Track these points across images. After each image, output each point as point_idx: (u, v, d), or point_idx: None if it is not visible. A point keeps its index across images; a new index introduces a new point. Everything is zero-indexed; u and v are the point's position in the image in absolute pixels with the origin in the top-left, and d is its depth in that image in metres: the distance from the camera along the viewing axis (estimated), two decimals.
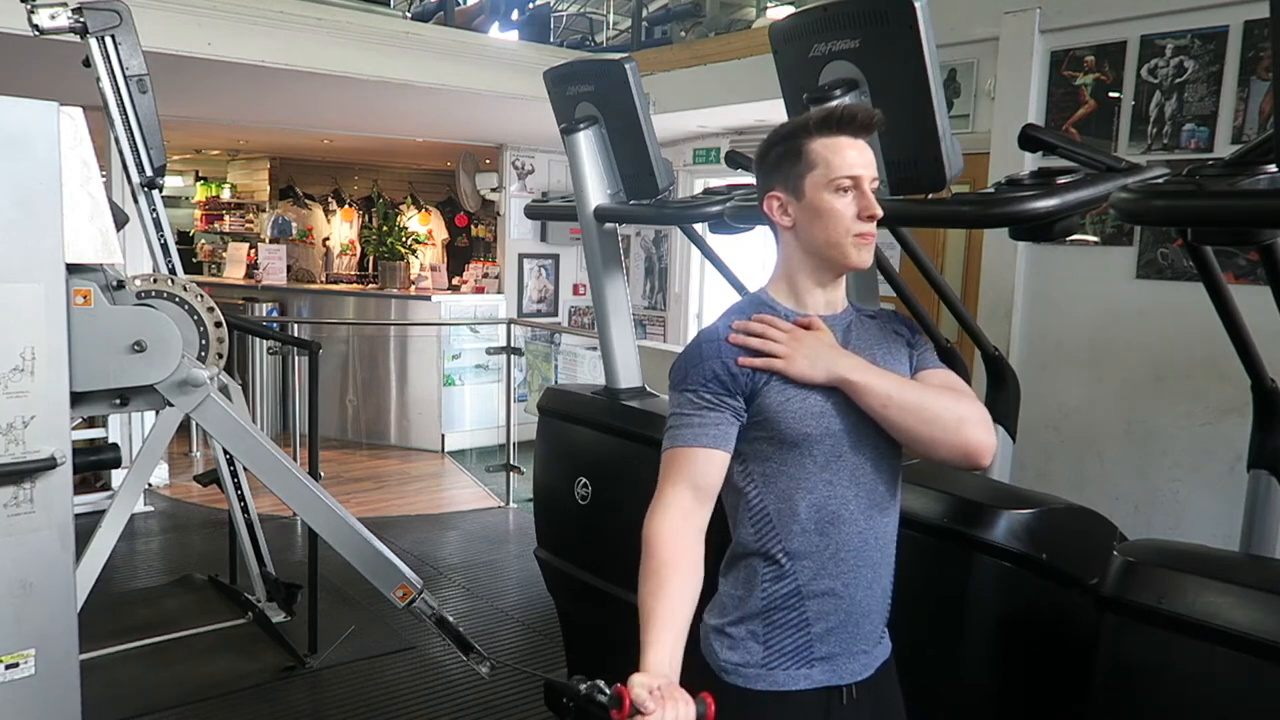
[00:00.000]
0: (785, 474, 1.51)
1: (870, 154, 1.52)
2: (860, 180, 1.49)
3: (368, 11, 5.29)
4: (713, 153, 6.65)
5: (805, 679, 1.51)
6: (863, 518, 1.53)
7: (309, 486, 2.66)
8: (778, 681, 1.51)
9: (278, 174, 10.88)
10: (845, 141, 1.49)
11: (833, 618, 1.52)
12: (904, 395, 1.50)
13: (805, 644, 1.51)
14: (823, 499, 1.51)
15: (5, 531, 1.92)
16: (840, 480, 1.51)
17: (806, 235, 1.53)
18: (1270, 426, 2.00)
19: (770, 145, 1.56)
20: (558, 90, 2.85)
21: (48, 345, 1.94)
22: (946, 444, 1.49)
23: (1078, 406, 3.51)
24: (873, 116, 1.50)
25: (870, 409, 1.49)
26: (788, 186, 1.53)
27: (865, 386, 1.48)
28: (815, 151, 1.50)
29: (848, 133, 1.50)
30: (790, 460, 1.51)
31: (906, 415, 1.49)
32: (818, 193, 1.50)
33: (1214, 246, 1.78)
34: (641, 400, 2.74)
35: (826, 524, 1.51)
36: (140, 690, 3.39)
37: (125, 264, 2.48)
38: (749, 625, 1.53)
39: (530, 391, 6.31)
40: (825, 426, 1.50)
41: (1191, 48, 3.20)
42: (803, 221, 1.53)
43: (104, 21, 3.17)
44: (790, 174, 1.52)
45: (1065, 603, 1.82)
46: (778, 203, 1.55)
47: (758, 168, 1.59)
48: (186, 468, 6.30)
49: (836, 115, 1.50)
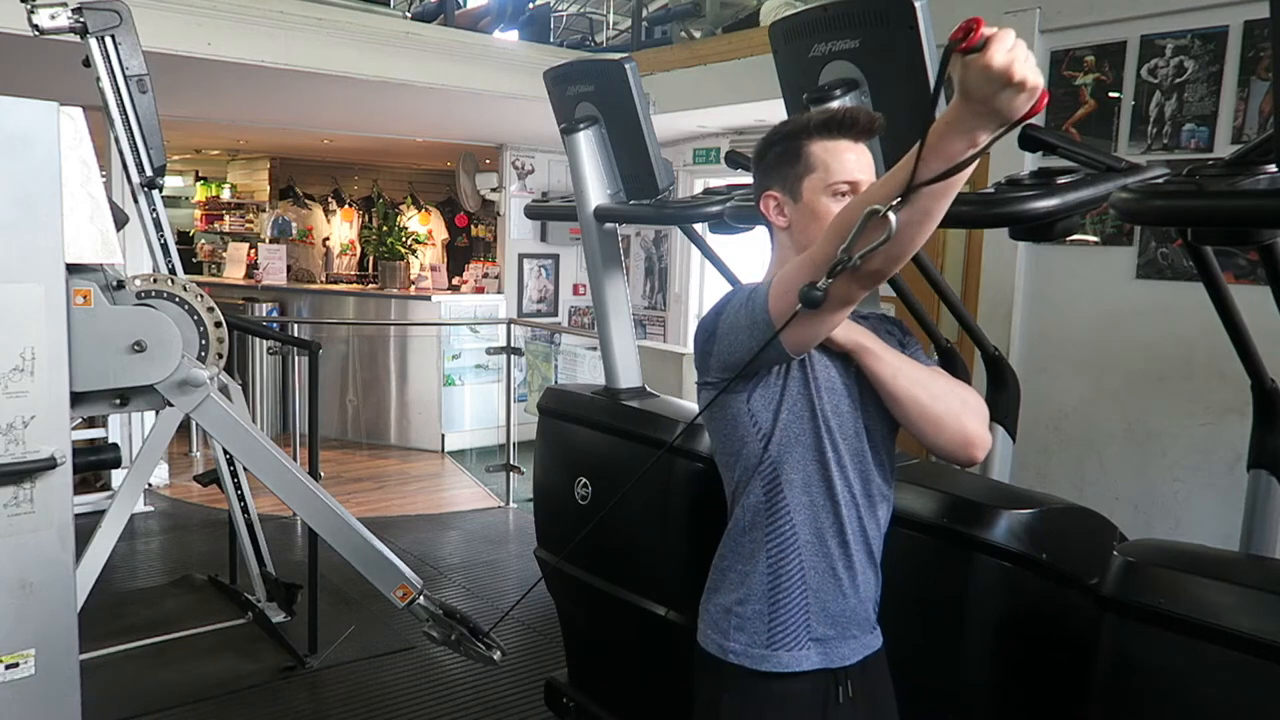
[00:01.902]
0: (800, 444, 1.53)
1: (870, 158, 1.52)
2: (858, 185, 1.49)
3: (368, 11, 5.29)
4: (713, 153, 6.65)
5: (805, 660, 1.53)
6: (864, 501, 1.56)
7: (309, 486, 2.66)
8: (781, 662, 1.52)
9: (278, 174, 10.88)
10: (845, 145, 1.49)
11: (830, 599, 1.54)
12: (914, 369, 1.53)
13: (804, 623, 1.54)
14: (829, 478, 1.53)
15: (5, 531, 1.92)
16: (844, 462, 1.54)
17: (801, 237, 1.53)
18: (1270, 426, 2.00)
19: (769, 144, 1.56)
20: (558, 90, 2.85)
21: (48, 345, 1.94)
22: (949, 426, 1.51)
23: (1078, 407, 3.51)
24: (874, 120, 1.50)
25: (880, 378, 1.51)
26: (785, 187, 1.53)
27: (879, 354, 1.51)
28: (815, 154, 1.50)
29: (849, 136, 1.49)
30: (803, 435, 1.53)
31: (916, 389, 1.51)
32: (815, 196, 1.50)
33: (1214, 246, 1.77)
34: (642, 400, 2.74)
35: (832, 504, 1.53)
36: (140, 690, 3.39)
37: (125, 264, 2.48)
38: (755, 604, 1.55)
39: (530, 391, 6.31)
40: (834, 404, 1.52)
41: (1191, 48, 3.20)
42: (798, 223, 1.53)
43: (104, 21, 3.17)
44: (788, 175, 1.52)
45: (1065, 603, 1.82)
46: (774, 202, 1.55)
47: (756, 165, 1.59)
48: (186, 468, 6.30)
49: (838, 118, 1.50)
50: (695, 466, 2.34)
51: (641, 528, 2.47)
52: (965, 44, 1.09)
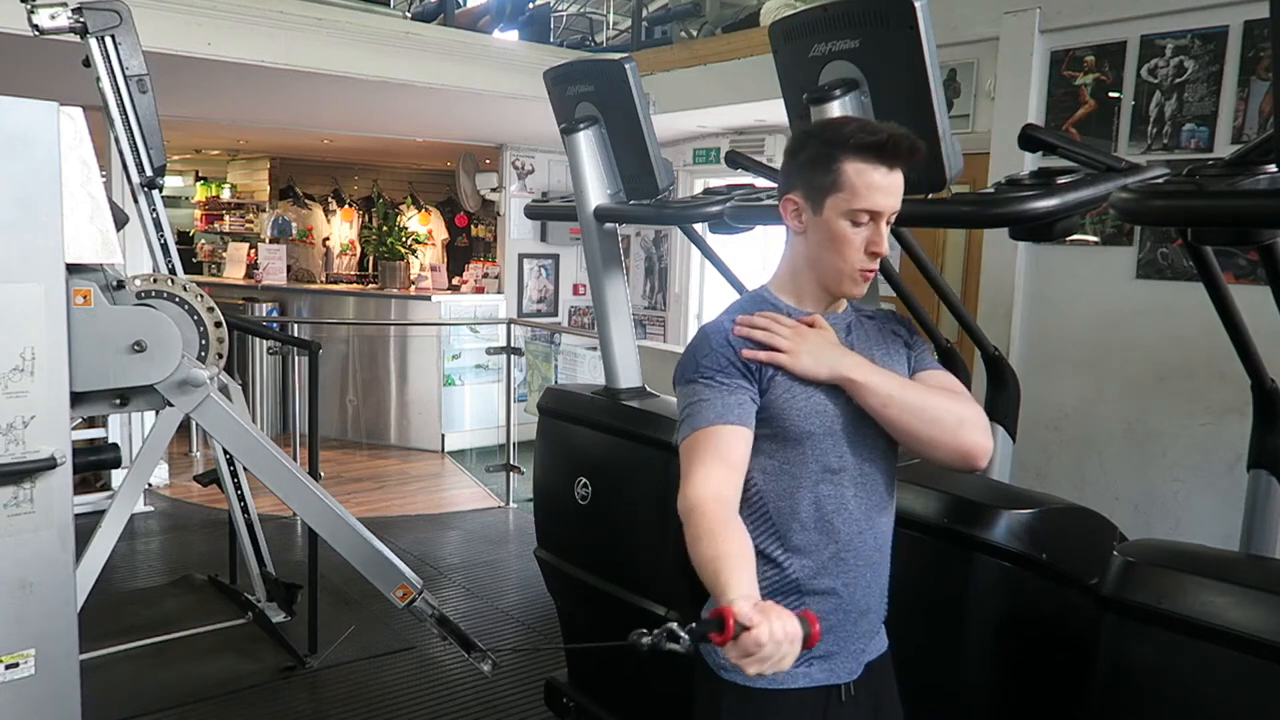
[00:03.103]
0: (787, 472, 1.51)
1: (899, 184, 1.48)
2: (880, 215, 1.48)
3: (368, 11, 5.29)
4: (713, 153, 6.65)
5: (804, 677, 1.52)
6: (862, 517, 1.54)
7: (309, 486, 2.66)
8: (776, 679, 1.51)
9: (278, 174, 10.88)
10: (879, 174, 1.45)
11: (831, 617, 1.52)
12: (905, 395, 1.50)
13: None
14: (823, 497, 1.51)
15: (5, 531, 1.92)
16: (840, 479, 1.52)
17: (814, 250, 1.52)
18: (1270, 426, 2.00)
19: (803, 144, 1.53)
20: (558, 90, 2.85)
21: (48, 345, 1.94)
22: (946, 445, 1.49)
23: (1078, 407, 3.51)
24: (915, 150, 1.46)
25: (871, 408, 1.49)
26: (809, 195, 1.51)
27: (868, 385, 1.48)
28: (846, 173, 1.46)
29: (885, 163, 1.45)
30: (792, 458, 1.51)
31: (907, 415, 1.49)
32: (834, 216, 1.48)
33: (1214, 246, 1.77)
34: (641, 400, 2.74)
35: (826, 522, 1.51)
36: (140, 690, 3.39)
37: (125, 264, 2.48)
38: None
39: (530, 391, 6.31)
40: (827, 425, 1.50)
41: (1191, 48, 3.20)
42: (813, 235, 1.52)
43: (104, 21, 3.17)
44: (814, 184, 1.49)
45: (1065, 603, 1.82)
46: (794, 206, 1.54)
47: (786, 161, 1.56)
48: (186, 468, 6.30)
49: (878, 143, 1.45)
50: None
51: (641, 528, 2.47)
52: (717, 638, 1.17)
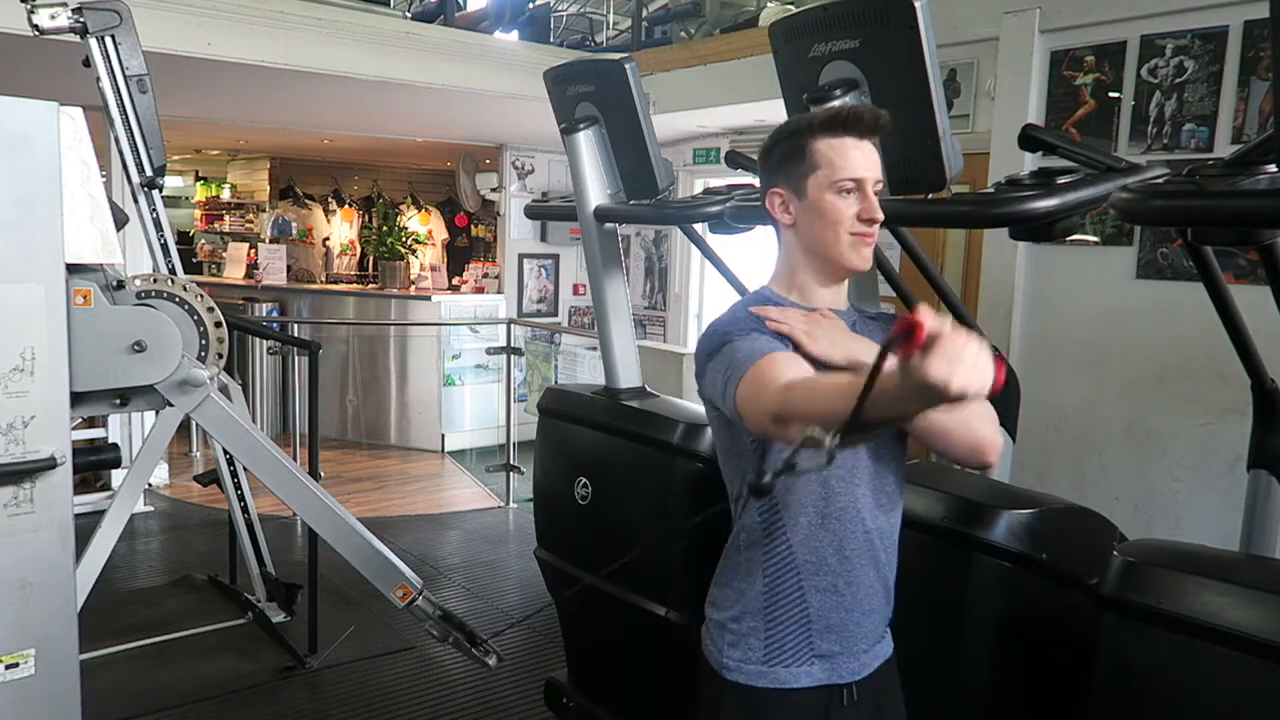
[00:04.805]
0: None
1: (874, 155, 1.51)
2: (863, 182, 1.49)
3: (368, 11, 5.29)
4: (713, 153, 6.65)
5: (806, 676, 1.52)
6: (869, 515, 1.53)
7: (309, 486, 2.66)
8: (779, 679, 1.51)
9: (278, 174, 10.88)
10: (850, 143, 1.49)
11: (834, 615, 1.52)
12: None
13: (805, 640, 1.52)
14: (833, 493, 1.51)
15: (5, 531, 1.92)
16: (851, 476, 1.52)
17: (807, 234, 1.53)
18: (1270, 426, 2.00)
19: (774, 143, 1.56)
20: (558, 90, 2.85)
21: (48, 345, 1.94)
22: (959, 437, 1.49)
23: (1078, 407, 3.51)
24: (879, 118, 1.49)
25: None
26: (790, 185, 1.53)
27: None
28: (819, 152, 1.49)
29: (853, 134, 1.49)
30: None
31: None
32: (820, 193, 1.50)
33: (1214, 246, 1.77)
34: (642, 400, 2.74)
35: (834, 520, 1.51)
36: (140, 690, 3.38)
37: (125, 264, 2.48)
38: (750, 621, 1.53)
39: (530, 391, 6.31)
40: None
41: (1191, 48, 3.20)
42: (804, 220, 1.53)
43: (104, 21, 3.17)
44: (793, 173, 1.52)
45: (1065, 603, 1.82)
46: (780, 200, 1.55)
47: (761, 165, 1.59)
48: (186, 468, 6.29)
49: (842, 116, 1.49)
50: (695, 466, 2.34)
51: (641, 528, 2.47)
52: (905, 349, 0.96)
